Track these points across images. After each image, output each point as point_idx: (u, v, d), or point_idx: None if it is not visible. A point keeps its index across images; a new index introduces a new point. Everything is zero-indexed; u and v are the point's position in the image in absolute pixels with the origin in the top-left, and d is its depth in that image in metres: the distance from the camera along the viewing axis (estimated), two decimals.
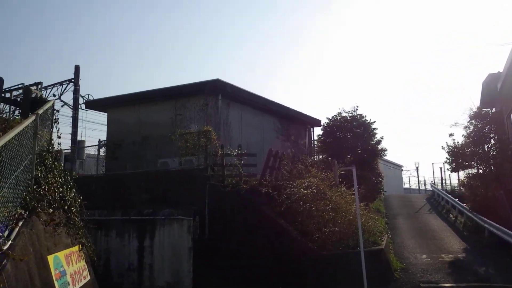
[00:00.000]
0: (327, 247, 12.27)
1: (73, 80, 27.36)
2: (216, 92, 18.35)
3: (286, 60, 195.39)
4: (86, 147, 17.52)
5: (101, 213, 16.11)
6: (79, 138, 23.78)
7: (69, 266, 6.90)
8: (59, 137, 8.68)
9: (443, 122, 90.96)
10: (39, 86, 29.97)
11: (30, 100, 9.19)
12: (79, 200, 8.75)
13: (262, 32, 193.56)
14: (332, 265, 11.96)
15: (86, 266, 8.06)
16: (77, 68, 27.61)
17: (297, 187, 13.68)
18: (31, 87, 8.68)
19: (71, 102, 27.01)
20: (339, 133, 23.69)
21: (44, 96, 29.31)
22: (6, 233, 5.42)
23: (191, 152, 15.28)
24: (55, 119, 8.66)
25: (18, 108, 10.26)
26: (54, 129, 8.65)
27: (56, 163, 8.10)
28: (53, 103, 8.69)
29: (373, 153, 23.11)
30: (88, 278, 7.89)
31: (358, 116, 23.60)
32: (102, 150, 20.40)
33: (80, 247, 8.11)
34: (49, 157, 7.84)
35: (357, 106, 24.14)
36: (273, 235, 12.96)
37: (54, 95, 28.88)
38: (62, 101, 29.22)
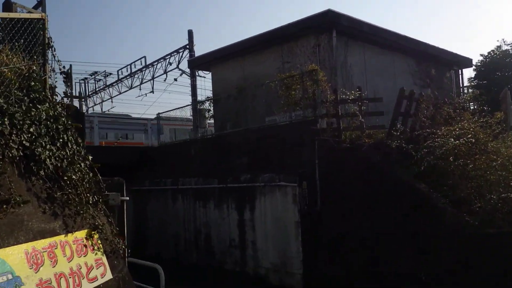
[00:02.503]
0: (496, 223, 8.07)
1: (187, 46, 25.89)
2: (329, 28, 14.57)
3: None
4: (177, 108, 15.35)
5: (197, 181, 13.80)
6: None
7: (38, 267, 4.20)
8: (63, 74, 6.08)
9: None
10: (144, 61, 29.28)
11: None
12: (88, 167, 6.12)
13: None
14: (503, 248, 7.79)
15: (104, 259, 5.36)
16: (190, 33, 25.87)
17: (443, 136, 9.50)
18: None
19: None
20: (498, 73, 18.06)
21: (163, 67, 28.64)
22: None
23: (295, 101, 11.92)
24: (50, 43, 5.94)
25: None
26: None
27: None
28: (45, 17, 5.91)
29: None
30: (107, 277, 5.18)
31: None
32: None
33: (92, 233, 5.45)
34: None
35: None
36: (408, 205, 9.10)
37: (170, 64, 28.04)
38: (180, 69, 27.96)
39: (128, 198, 7.30)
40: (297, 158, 11.24)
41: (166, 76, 28.45)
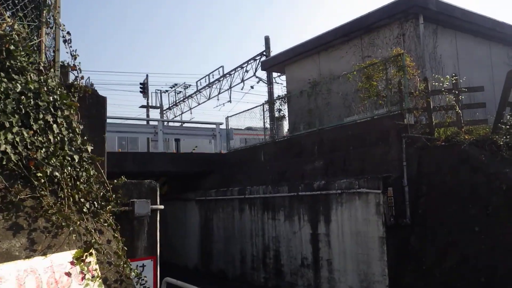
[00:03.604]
0: None
1: (264, 53, 24.91)
2: (415, 14, 12.63)
3: None
4: (247, 110, 13.99)
5: (265, 189, 12.32)
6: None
7: None
8: (67, 42, 4.89)
9: None
10: (221, 70, 28.68)
11: None
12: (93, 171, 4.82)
13: None
14: None
15: None
16: (267, 39, 24.99)
17: None
18: None
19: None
20: None
21: (240, 75, 27.84)
22: None
23: (377, 93, 10.07)
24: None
25: None
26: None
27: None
28: None
29: None
30: None
31: None
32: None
33: (83, 254, 4.14)
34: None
35: None
36: None
37: (247, 72, 27.19)
38: (257, 77, 27.09)
39: (163, 206, 6.00)
40: (381, 160, 9.37)
41: (244, 84, 27.66)
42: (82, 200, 4.68)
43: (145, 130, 15.44)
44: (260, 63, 23.43)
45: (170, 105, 35.62)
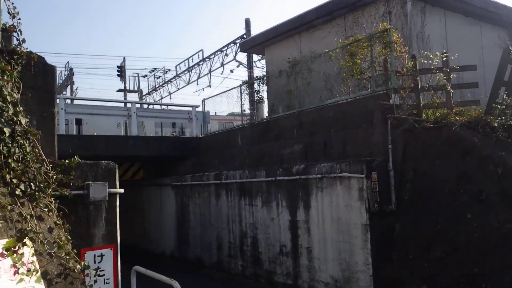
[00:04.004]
0: None
1: (244, 36, 24.11)
2: None
3: None
4: (223, 92, 13.20)
5: (242, 174, 11.66)
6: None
7: None
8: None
9: None
10: (201, 54, 27.80)
11: None
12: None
13: None
14: None
15: None
16: (247, 22, 24.21)
17: None
18: None
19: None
20: None
21: (220, 60, 26.92)
22: None
23: (360, 71, 9.43)
24: None
25: None
26: None
27: None
28: None
29: None
30: None
31: None
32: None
33: (16, 245, 3.48)
34: None
35: None
36: None
37: (227, 55, 26.34)
38: (237, 61, 26.28)
39: (122, 190, 5.29)
40: (364, 143, 8.76)
41: (223, 69, 26.87)
42: (14, 181, 3.95)
43: (118, 113, 14.57)
44: (239, 46, 22.73)
45: (150, 90, 34.69)
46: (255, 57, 23.30)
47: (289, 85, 11.75)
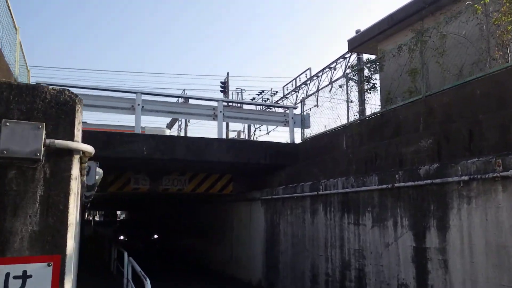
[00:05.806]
0: None
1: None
2: None
3: None
4: (325, 87, 10.41)
5: (346, 181, 8.73)
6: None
7: None
8: None
9: None
10: (309, 73, 25.85)
11: None
12: None
13: None
14: None
15: None
16: (357, 33, 21.74)
17: None
18: None
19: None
20: None
21: (328, 76, 24.63)
22: None
23: None
24: None
25: None
26: None
27: None
28: None
29: None
30: None
31: None
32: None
33: None
34: None
35: None
36: None
37: (335, 69, 24.07)
38: (346, 77, 23.81)
39: (90, 148, 2.77)
40: None
41: (332, 86, 24.44)
42: None
43: (201, 112, 12.57)
44: (350, 61, 20.23)
45: None
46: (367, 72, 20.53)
47: (411, 64, 8.66)
